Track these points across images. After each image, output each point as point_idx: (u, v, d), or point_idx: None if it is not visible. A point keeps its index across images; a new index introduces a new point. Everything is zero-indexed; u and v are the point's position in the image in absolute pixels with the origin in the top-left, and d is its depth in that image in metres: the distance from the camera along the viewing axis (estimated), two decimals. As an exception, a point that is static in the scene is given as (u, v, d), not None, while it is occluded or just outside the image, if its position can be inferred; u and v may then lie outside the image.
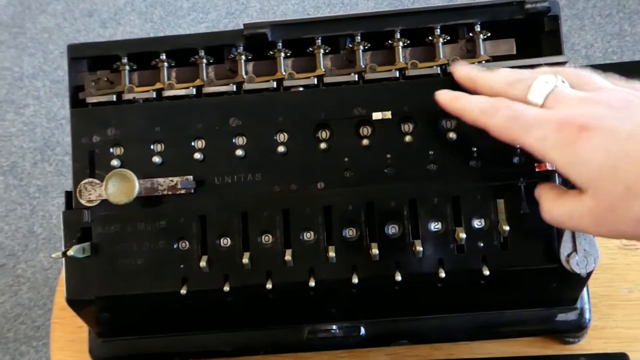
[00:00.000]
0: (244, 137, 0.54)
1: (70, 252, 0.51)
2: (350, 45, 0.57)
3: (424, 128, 0.53)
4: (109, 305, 0.55)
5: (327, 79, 0.56)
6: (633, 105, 0.39)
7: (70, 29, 1.76)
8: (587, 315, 0.59)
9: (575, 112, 0.40)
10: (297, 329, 0.59)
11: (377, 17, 0.57)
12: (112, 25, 1.79)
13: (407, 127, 0.53)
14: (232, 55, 0.57)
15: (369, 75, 0.55)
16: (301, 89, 0.56)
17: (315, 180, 0.53)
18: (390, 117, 0.53)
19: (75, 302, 0.54)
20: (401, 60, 0.56)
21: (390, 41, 0.57)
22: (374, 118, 0.53)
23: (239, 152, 0.53)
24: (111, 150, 0.54)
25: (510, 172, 0.52)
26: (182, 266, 0.53)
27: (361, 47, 0.56)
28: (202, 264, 0.52)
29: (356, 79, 0.55)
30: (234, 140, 0.54)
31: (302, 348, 0.60)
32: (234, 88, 0.56)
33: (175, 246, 0.53)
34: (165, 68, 0.57)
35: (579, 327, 0.59)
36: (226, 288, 0.52)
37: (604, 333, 0.63)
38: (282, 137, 0.54)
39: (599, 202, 0.39)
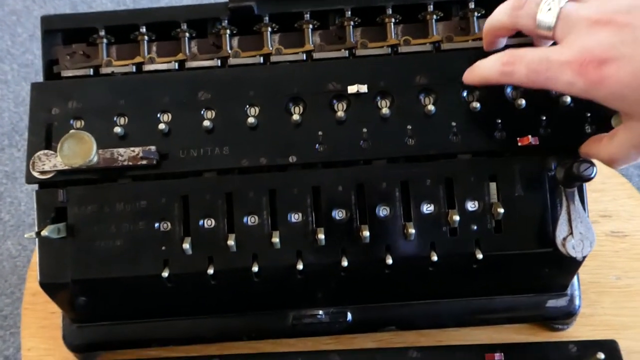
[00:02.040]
0: (212, 111, 0.51)
1: (45, 232, 0.48)
2: (340, 21, 0.55)
3: (401, 102, 0.51)
4: (85, 289, 0.52)
5: (316, 55, 0.54)
6: (635, 12, 0.39)
7: (39, 11, 1.70)
8: (577, 302, 0.58)
9: (589, 45, 0.39)
10: (282, 314, 0.57)
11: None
12: (82, 8, 1.74)
13: (384, 102, 0.51)
14: (217, 29, 0.55)
15: (360, 52, 0.53)
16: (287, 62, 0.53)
17: (286, 154, 0.50)
18: (366, 90, 0.51)
19: (49, 286, 0.51)
20: (393, 37, 0.54)
21: (381, 17, 0.55)
22: (349, 92, 0.51)
23: (207, 124, 0.50)
24: (71, 122, 0.51)
25: (493, 145, 0.50)
26: (163, 248, 0.51)
27: (351, 23, 0.54)
28: (185, 245, 0.49)
29: (347, 55, 0.53)
30: (202, 113, 0.51)
31: (287, 334, 0.58)
32: (219, 63, 0.54)
33: (156, 227, 0.51)
34: (145, 42, 0.55)
35: (568, 314, 0.58)
36: (210, 271, 0.50)
37: (592, 320, 0.62)
38: (252, 110, 0.51)
39: None
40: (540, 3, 0.42)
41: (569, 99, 0.49)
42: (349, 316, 0.57)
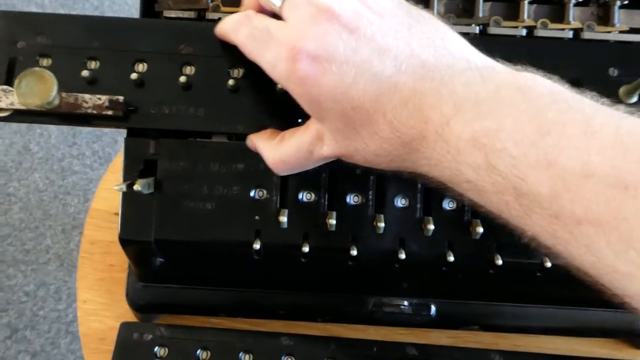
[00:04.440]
0: (192, 67, 0.46)
1: (137, 187, 0.44)
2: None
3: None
4: (166, 250, 0.48)
5: (491, 30, 0.49)
6: (362, 24, 0.34)
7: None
8: (671, 323, 0.55)
9: (307, 35, 0.34)
10: (362, 300, 0.53)
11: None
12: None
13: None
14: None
15: (492, 30, 0.49)
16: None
17: (265, 125, 0.45)
18: None
19: (129, 242, 0.48)
20: (525, 17, 0.50)
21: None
22: None
23: (183, 80, 0.45)
24: (37, 59, 0.45)
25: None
26: (257, 217, 0.47)
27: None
28: (282, 218, 0.46)
29: (477, 32, 0.49)
30: (181, 69, 0.46)
31: (364, 320, 0.54)
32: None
33: (251, 194, 0.47)
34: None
35: (661, 334, 0.55)
36: (305, 249, 0.46)
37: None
38: (236, 72, 0.45)
39: (332, 138, 0.36)
40: None
41: None
42: (433, 310, 0.53)
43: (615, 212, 0.27)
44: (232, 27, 0.40)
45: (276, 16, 0.38)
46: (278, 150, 0.40)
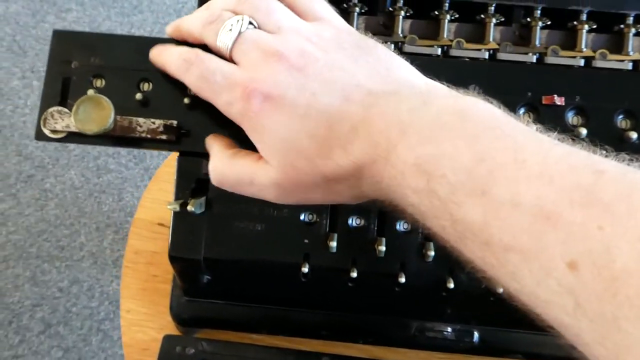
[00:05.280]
0: None
1: (190, 208, 0.44)
2: (528, 20, 0.49)
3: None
4: (214, 268, 0.49)
5: (501, 55, 0.48)
6: (310, 62, 0.36)
7: None
8: None
9: (259, 76, 0.36)
10: (404, 323, 0.53)
11: (565, -8, 0.49)
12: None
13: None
14: (390, 9, 0.50)
15: (549, 59, 0.48)
16: (467, 59, 0.48)
17: None
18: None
19: (178, 260, 0.48)
20: (583, 46, 0.49)
21: (573, 22, 0.49)
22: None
23: None
24: (90, 79, 0.44)
25: None
26: (306, 240, 0.47)
27: (539, 24, 0.49)
28: (332, 242, 0.46)
29: (534, 61, 0.48)
30: None
31: (406, 344, 0.54)
32: (392, 47, 0.49)
33: (302, 217, 0.47)
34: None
35: None
36: (353, 274, 0.46)
37: None
38: None
39: (284, 176, 0.36)
40: (226, 22, 0.39)
41: (634, 135, 0.44)
42: (476, 336, 0.53)
43: (537, 241, 0.28)
44: (180, 64, 0.40)
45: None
46: (225, 164, 0.40)
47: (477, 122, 0.32)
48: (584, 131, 0.45)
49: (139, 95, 0.43)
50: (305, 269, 0.46)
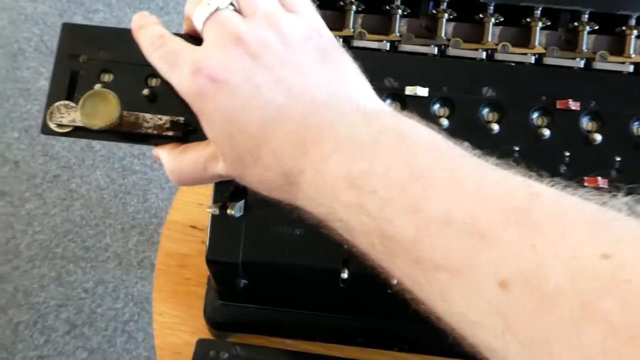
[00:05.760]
0: None
1: (230, 211, 0.44)
2: (576, 24, 0.48)
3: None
4: (252, 272, 0.48)
5: (547, 60, 0.47)
6: (266, 53, 0.35)
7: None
8: None
9: (211, 56, 0.36)
10: (442, 331, 0.52)
11: (614, -4, 0.48)
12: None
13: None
14: (432, 12, 0.49)
15: (597, 64, 0.47)
16: (512, 64, 0.48)
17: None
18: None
19: (216, 263, 0.48)
20: (632, 52, 0.48)
21: (622, 27, 0.48)
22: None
23: None
24: (98, 74, 0.44)
25: None
26: (345, 246, 0.46)
27: (587, 28, 0.48)
28: (372, 248, 0.45)
29: (582, 66, 0.47)
30: None
31: (442, 352, 0.53)
32: (435, 51, 0.48)
33: (342, 222, 0.46)
34: (352, 12, 0.49)
35: None
36: (393, 281, 0.45)
37: None
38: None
39: (223, 158, 0.37)
40: (197, 6, 0.38)
41: None
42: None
43: (468, 260, 0.28)
44: (147, 46, 0.40)
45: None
46: (176, 160, 0.40)
47: (415, 143, 0.32)
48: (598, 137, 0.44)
49: (146, 91, 0.43)
50: (345, 275, 0.46)
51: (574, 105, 0.45)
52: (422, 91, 0.46)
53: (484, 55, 0.48)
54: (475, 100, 0.46)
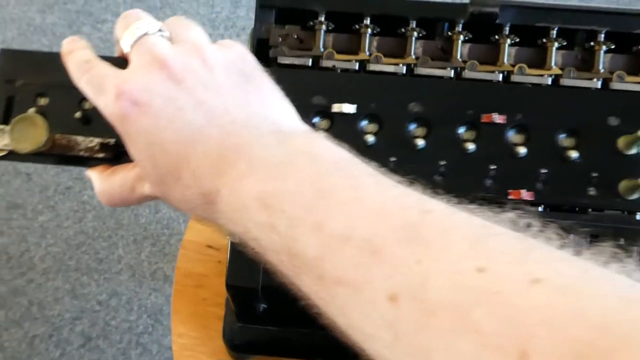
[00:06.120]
0: None
1: (250, 238, 0.44)
2: (592, 44, 0.48)
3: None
4: (272, 296, 0.48)
5: (564, 81, 0.47)
6: (190, 77, 0.36)
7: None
8: None
9: (137, 79, 0.36)
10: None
11: (632, 15, 0.48)
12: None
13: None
14: (448, 33, 0.49)
15: (615, 85, 0.47)
16: (529, 86, 0.48)
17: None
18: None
19: (235, 288, 0.48)
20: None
21: (638, 46, 0.48)
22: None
23: None
24: (34, 98, 0.44)
25: None
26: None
27: (604, 48, 0.48)
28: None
29: (599, 87, 0.47)
30: None
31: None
32: (451, 73, 0.48)
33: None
34: (368, 35, 0.49)
35: None
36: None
37: None
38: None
39: (148, 178, 0.38)
40: (137, 22, 0.38)
41: (575, 154, 0.44)
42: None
43: (364, 276, 0.29)
44: (74, 74, 0.40)
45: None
46: (105, 182, 0.41)
47: (325, 163, 0.33)
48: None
49: (78, 114, 0.43)
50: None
51: (499, 118, 0.45)
52: (349, 108, 0.46)
53: (500, 77, 0.48)
54: (402, 116, 0.46)
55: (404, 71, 0.48)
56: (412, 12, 0.49)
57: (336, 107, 0.47)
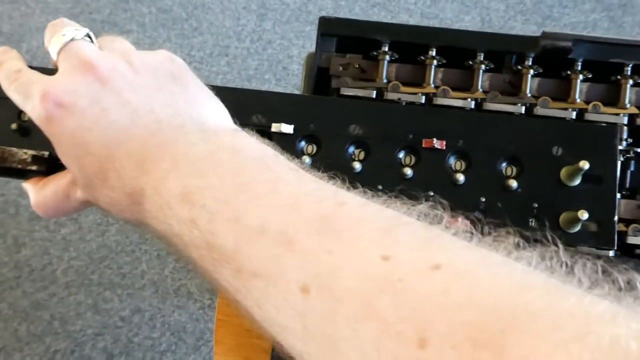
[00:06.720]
0: None
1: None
2: (618, 77, 0.47)
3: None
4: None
5: (589, 116, 0.46)
6: (115, 78, 0.37)
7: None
8: None
9: (62, 82, 0.37)
10: None
11: None
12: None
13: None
14: (518, 67, 0.47)
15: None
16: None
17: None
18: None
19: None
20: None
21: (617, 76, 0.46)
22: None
23: None
24: None
25: None
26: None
27: (630, 82, 0.46)
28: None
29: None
30: None
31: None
32: (522, 109, 0.46)
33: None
34: (433, 67, 0.48)
35: None
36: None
37: None
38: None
39: (77, 182, 0.38)
40: (64, 28, 0.39)
41: (514, 184, 0.41)
42: None
43: (278, 267, 0.29)
44: (4, 83, 0.41)
45: None
46: (39, 193, 0.41)
47: (247, 159, 0.34)
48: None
49: (14, 125, 0.43)
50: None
51: (438, 144, 0.43)
52: (287, 128, 0.44)
53: (522, 109, 0.46)
54: (342, 138, 0.44)
55: (472, 106, 0.47)
56: (481, 44, 0.48)
57: (275, 127, 0.45)
